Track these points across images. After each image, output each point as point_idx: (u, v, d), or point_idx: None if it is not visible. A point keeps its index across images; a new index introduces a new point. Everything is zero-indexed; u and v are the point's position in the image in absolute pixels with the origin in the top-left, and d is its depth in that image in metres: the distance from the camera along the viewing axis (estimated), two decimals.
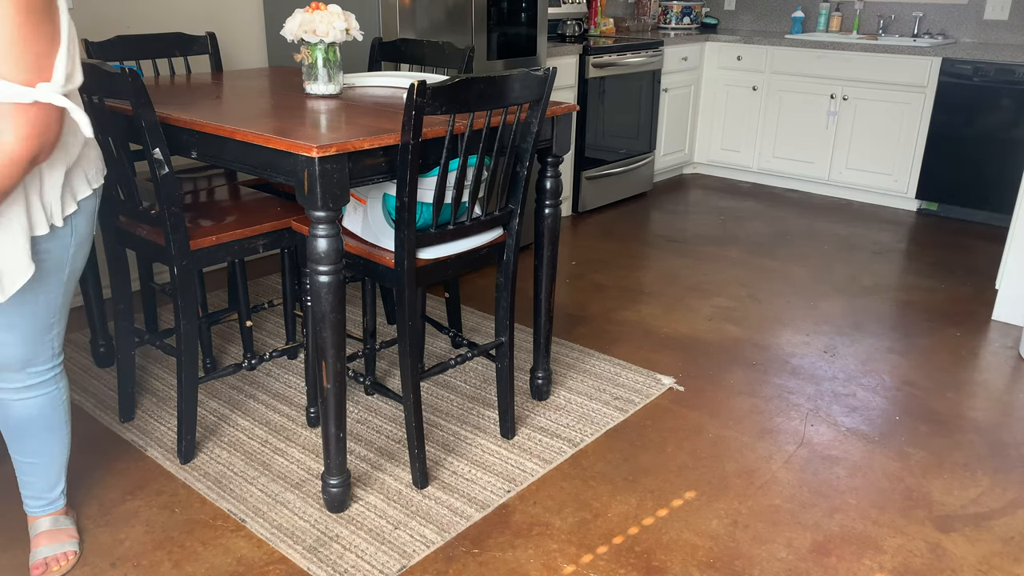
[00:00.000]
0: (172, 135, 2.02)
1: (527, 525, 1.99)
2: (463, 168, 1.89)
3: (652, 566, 1.87)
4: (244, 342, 2.63)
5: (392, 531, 1.96)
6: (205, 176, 2.68)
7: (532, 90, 1.94)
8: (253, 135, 1.79)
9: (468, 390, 2.62)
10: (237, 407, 2.49)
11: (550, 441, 2.34)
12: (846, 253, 3.95)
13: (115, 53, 2.68)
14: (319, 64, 2.24)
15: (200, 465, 2.20)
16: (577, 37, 4.49)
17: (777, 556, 1.90)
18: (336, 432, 1.94)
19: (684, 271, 3.70)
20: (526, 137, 2.05)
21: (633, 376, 2.71)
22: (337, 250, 1.79)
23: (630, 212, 4.63)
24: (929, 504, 2.10)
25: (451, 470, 2.20)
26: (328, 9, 2.18)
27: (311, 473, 2.17)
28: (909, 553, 1.92)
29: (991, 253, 4.00)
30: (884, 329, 3.13)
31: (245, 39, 3.50)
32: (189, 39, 2.89)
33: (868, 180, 4.74)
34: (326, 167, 1.70)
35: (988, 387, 2.71)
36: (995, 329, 3.14)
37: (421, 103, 1.71)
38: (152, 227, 2.10)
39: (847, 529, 2.00)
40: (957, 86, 4.32)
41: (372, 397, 2.56)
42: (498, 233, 2.15)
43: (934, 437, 2.40)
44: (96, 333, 2.67)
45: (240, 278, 2.48)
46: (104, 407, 2.47)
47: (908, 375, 2.77)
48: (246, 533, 1.95)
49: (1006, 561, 1.90)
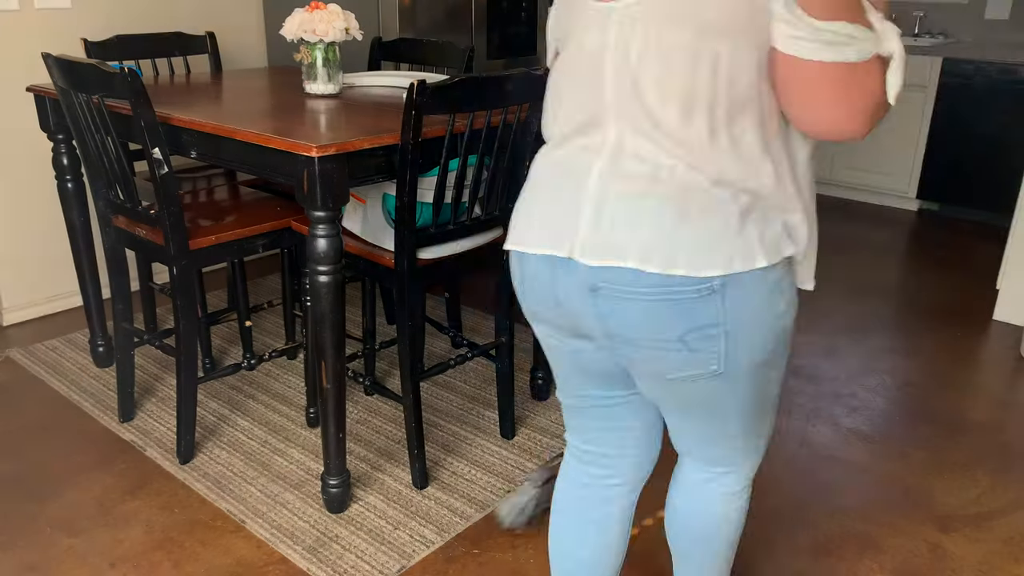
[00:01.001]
0: (172, 135, 2.02)
1: None
2: (463, 168, 1.89)
3: (652, 566, 1.86)
4: (244, 342, 2.63)
5: (392, 531, 1.96)
6: (205, 176, 2.68)
7: (532, 89, 1.93)
8: (253, 135, 1.79)
9: (468, 390, 2.61)
10: (237, 407, 2.48)
11: (550, 441, 2.33)
12: (847, 253, 3.95)
13: (115, 53, 2.68)
14: (319, 64, 2.24)
15: (200, 465, 2.20)
16: None
17: (777, 556, 1.90)
18: (336, 432, 1.94)
19: None
20: (526, 136, 2.05)
21: None
22: (337, 250, 1.79)
23: None
24: (929, 504, 2.10)
25: (451, 470, 2.19)
26: (328, 9, 2.18)
27: (311, 473, 2.17)
28: (909, 553, 1.92)
29: (992, 253, 4.00)
30: (885, 329, 3.12)
31: (245, 39, 3.50)
32: (189, 39, 2.89)
33: (869, 180, 4.74)
34: (326, 167, 1.70)
35: (988, 387, 2.71)
36: (996, 329, 3.14)
37: (421, 103, 1.70)
38: (151, 227, 2.09)
39: (847, 529, 2.00)
40: (958, 86, 4.31)
41: (372, 397, 2.56)
42: (498, 233, 2.14)
43: (934, 437, 2.40)
44: (95, 333, 2.66)
45: (240, 278, 2.47)
46: (104, 407, 2.47)
47: (909, 375, 2.77)
48: (246, 533, 1.95)
49: (1006, 561, 1.90)
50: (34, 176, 3.00)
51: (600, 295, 1.09)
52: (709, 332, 1.07)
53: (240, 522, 1.98)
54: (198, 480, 2.14)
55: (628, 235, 1.05)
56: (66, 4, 2.93)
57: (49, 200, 3.05)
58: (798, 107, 1.03)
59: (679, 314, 1.06)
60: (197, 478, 2.15)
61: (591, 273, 1.09)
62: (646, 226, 1.04)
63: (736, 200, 1.04)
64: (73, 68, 1.91)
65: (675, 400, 1.21)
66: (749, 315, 1.08)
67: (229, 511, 2.02)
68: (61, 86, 2.00)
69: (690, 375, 1.13)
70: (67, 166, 2.47)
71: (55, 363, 2.74)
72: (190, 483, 2.12)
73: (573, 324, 1.18)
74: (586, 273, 1.09)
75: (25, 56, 2.88)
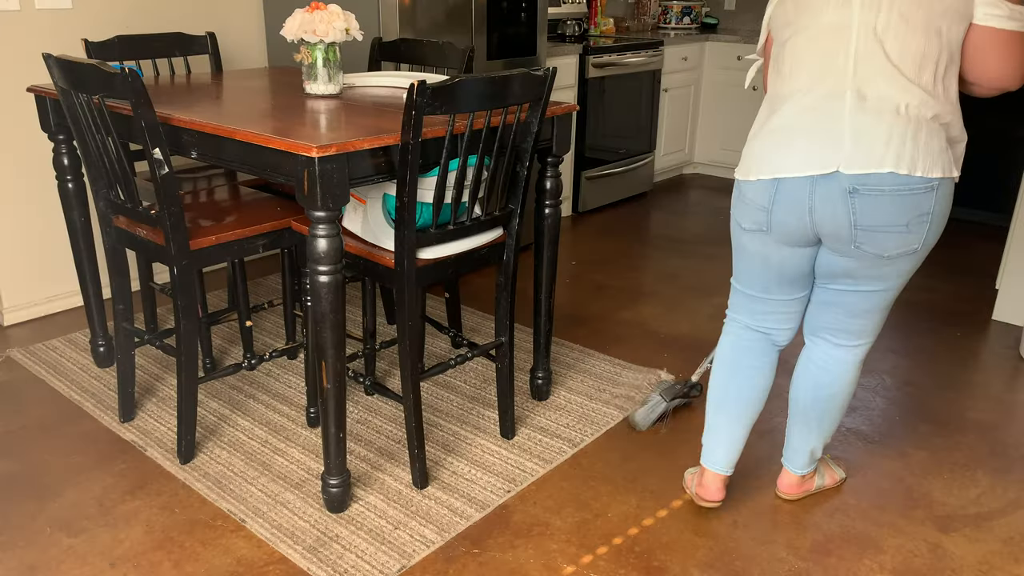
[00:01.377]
0: (172, 135, 2.02)
1: (527, 525, 1.99)
2: (463, 168, 1.89)
3: (652, 566, 1.87)
4: (244, 342, 2.63)
5: (392, 531, 1.96)
6: (205, 176, 2.68)
7: (532, 90, 1.94)
8: (253, 135, 1.79)
9: (468, 390, 2.62)
10: (237, 407, 2.49)
11: (550, 441, 2.34)
12: None
13: (115, 53, 2.68)
14: (319, 64, 2.24)
15: (200, 465, 2.20)
16: (577, 37, 4.49)
17: (777, 556, 1.90)
18: (336, 432, 1.94)
19: (684, 271, 3.70)
20: (526, 137, 2.05)
21: (633, 376, 2.71)
22: (337, 250, 1.79)
23: (630, 212, 4.63)
24: (929, 504, 2.10)
25: (451, 470, 2.20)
26: (328, 9, 2.18)
27: (311, 473, 2.17)
28: (909, 553, 1.92)
29: (991, 253, 4.00)
30: (884, 329, 3.12)
31: (245, 39, 3.50)
32: (189, 39, 2.89)
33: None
34: (326, 167, 1.70)
35: (988, 387, 2.71)
36: (995, 329, 3.14)
37: (421, 103, 1.71)
38: (152, 227, 2.10)
39: (847, 529, 2.00)
40: None
41: (372, 397, 2.56)
42: (498, 233, 2.15)
43: (934, 437, 2.40)
44: (96, 333, 2.67)
45: (240, 278, 2.48)
46: (104, 407, 2.47)
47: (908, 375, 2.77)
48: (246, 533, 1.95)
49: (1006, 561, 1.90)
50: (34, 176, 3.00)
51: (858, 195, 1.59)
52: (924, 219, 1.61)
53: (240, 522, 1.99)
54: (198, 480, 2.14)
55: (883, 150, 1.54)
56: (67, 4, 2.93)
57: (49, 200, 3.05)
58: (981, 64, 1.58)
59: (912, 204, 1.58)
60: (197, 478, 2.15)
61: (853, 179, 1.58)
62: (895, 143, 1.54)
63: (945, 131, 1.58)
64: (74, 68, 1.91)
65: (873, 273, 1.72)
66: (941, 209, 1.62)
67: (229, 511, 2.02)
68: (62, 86, 2.01)
69: (900, 252, 1.66)
70: (68, 166, 2.47)
71: (55, 363, 2.74)
72: (190, 483, 2.13)
73: (804, 233, 1.69)
74: (848, 180, 1.58)
75: (26, 56, 2.88)
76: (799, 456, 2.04)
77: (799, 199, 1.64)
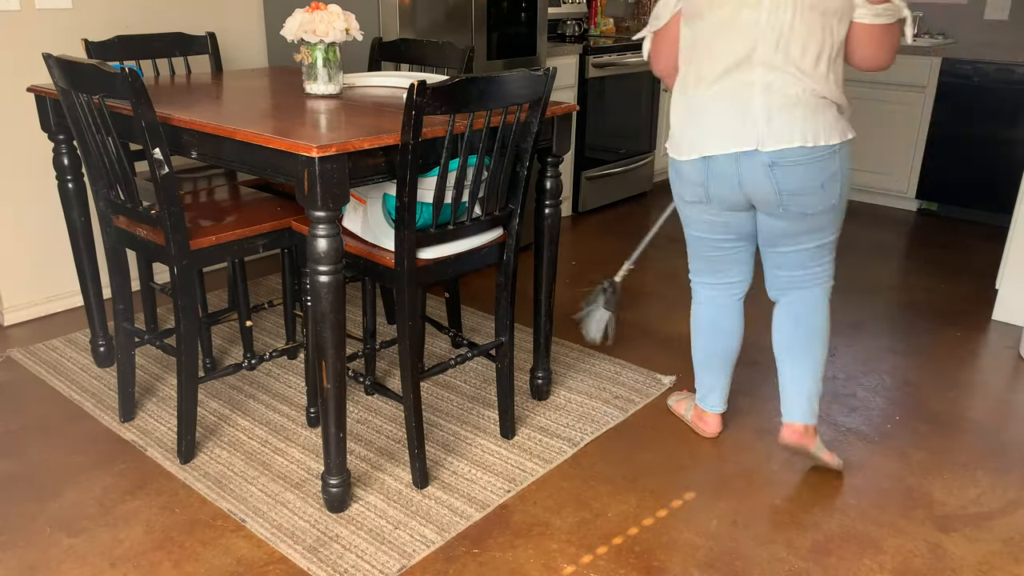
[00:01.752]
0: (172, 135, 2.02)
1: (527, 525, 1.99)
2: (463, 168, 1.89)
3: (652, 566, 1.87)
4: (244, 342, 2.63)
5: (392, 531, 1.96)
6: (205, 176, 2.68)
7: (532, 90, 1.94)
8: (253, 135, 1.79)
9: (468, 390, 2.62)
10: (237, 407, 2.49)
11: (550, 441, 2.34)
12: (846, 253, 3.95)
13: (115, 53, 2.68)
14: (319, 64, 2.24)
15: (200, 465, 2.20)
16: (577, 37, 4.49)
17: (777, 556, 1.90)
18: (336, 432, 1.94)
19: (684, 271, 3.69)
20: (526, 137, 2.05)
21: (633, 376, 2.71)
22: (337, 250, 1.79)
23: (630, 212, 4.63)
24: (929, 504, 2.10)
25: (451, 470, 2.20)
26: (328, 9, 2.18)
27: (311, 473, 2.17)
28: (909, 553, 1.92)
29: (991, 253, 4.00)
30: (884, 329, 3.13)
31: (245, 39, 3.50)
32: (189, 39, 2.89)
33: (868, 180, 4.74)
34: (326, 167, 1.70)
35: (988, 387, 2.71)
36: (995, 329, 3.14)
37: (421, 103, 1.71)
38: (152, 227, 2.10)
39: (847, 529, 2.00)
40: (957, 86, 4.32)
41: (372, 397, 2.56)
42: (498, 233, 2.15)
43: (934, 437, 2.40)
44: (96, 333, 2.67)
45: (240, 278, 2.48)
46: (104, 407, 2.47)
47: (908, 375, 2.77)
48: (246, 533, 1.95)
49: (1006, 561, 1.90)
50: (34, 176, 3.00)
51: (776, 168, 1.89)
52: (835, 177, 1.92)
53: (240, 522, 1.99)
54: (198, 480, 2.14)
55: (790, 128, 1.86)
56: (67, 4, 2.93)
57: (49, 200, 3.05)
58: (861, 51, 1.90)
59: (822, 168, 1.89)
60: (197, 478, 2.15)
61: (771, 155, 1.88)
62: (799, 122, 1.85)
63: (834, 106, 1.90)
64: (74, 68, 1.91)
65: (804, 228, 2.01)
66: (846, 167, 1.94)
67: (229, 511, 2.02)
68: (62, 86, 2.01)
69: (822, 209, 1.96)
70: (68, 166, 2.47)
71: (56, 363, 2.74)
72: (190, 483, 2.13)
73: (738, 200, 1.99)
74: (767, 156, 1.88)
75: (26, 56, 2.88)
76: (797, 407, 2.14)
77: (728, 173, 1.94)
